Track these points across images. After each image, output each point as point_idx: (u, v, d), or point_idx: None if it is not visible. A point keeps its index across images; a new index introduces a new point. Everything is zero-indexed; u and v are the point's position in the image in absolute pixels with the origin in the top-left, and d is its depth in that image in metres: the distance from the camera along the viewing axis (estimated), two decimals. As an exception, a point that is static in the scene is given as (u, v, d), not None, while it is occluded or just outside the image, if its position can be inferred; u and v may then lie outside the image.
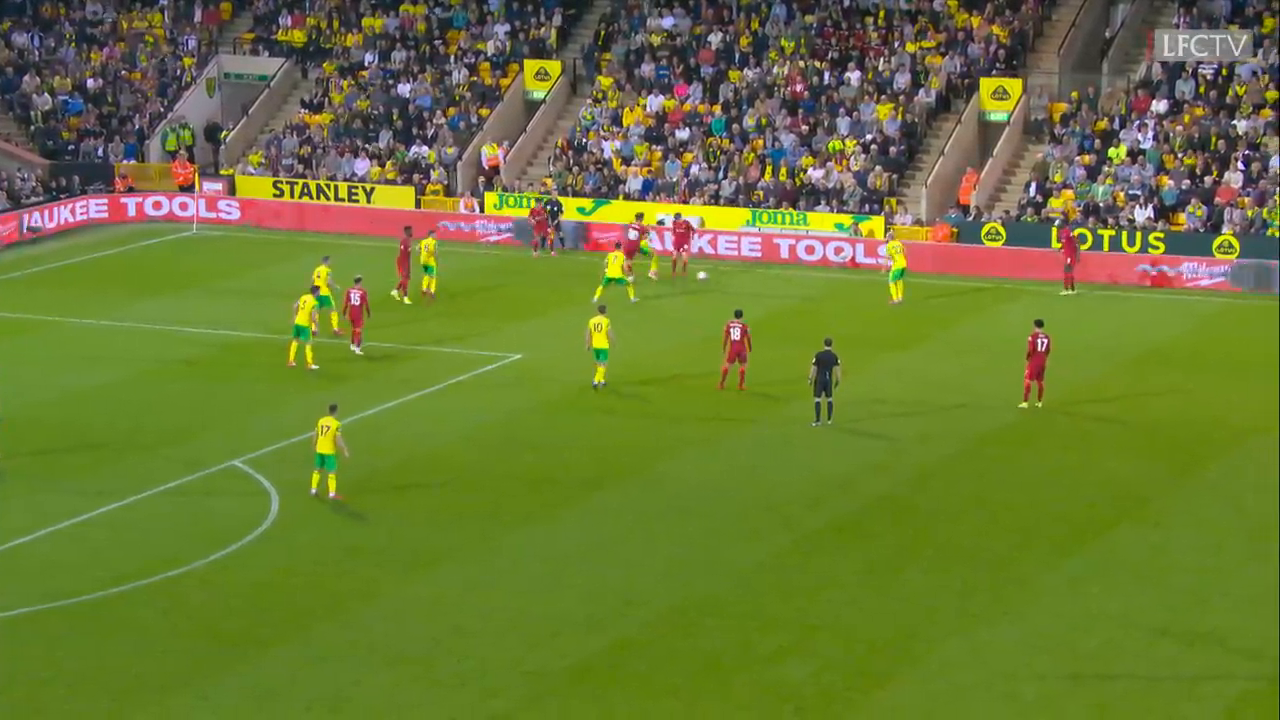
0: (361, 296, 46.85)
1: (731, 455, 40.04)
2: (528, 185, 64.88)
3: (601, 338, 43.73)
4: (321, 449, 36.34)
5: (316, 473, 36.55)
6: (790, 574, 33.38)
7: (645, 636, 30.73)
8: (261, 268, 58.81)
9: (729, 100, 65.40)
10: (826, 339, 42.04)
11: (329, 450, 36.29)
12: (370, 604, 32.09)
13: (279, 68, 70.78)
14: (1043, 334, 42.44)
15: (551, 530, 35.59)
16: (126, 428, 41.87)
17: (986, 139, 63.33)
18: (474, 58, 69.34)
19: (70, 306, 53.27)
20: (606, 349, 43.78)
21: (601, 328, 43.74)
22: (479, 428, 42.00)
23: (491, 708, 28.13)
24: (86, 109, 69.92)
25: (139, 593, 32.54)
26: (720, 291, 54.47)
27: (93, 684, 28.96)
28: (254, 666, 29.53)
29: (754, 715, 27.81)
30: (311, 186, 65.46)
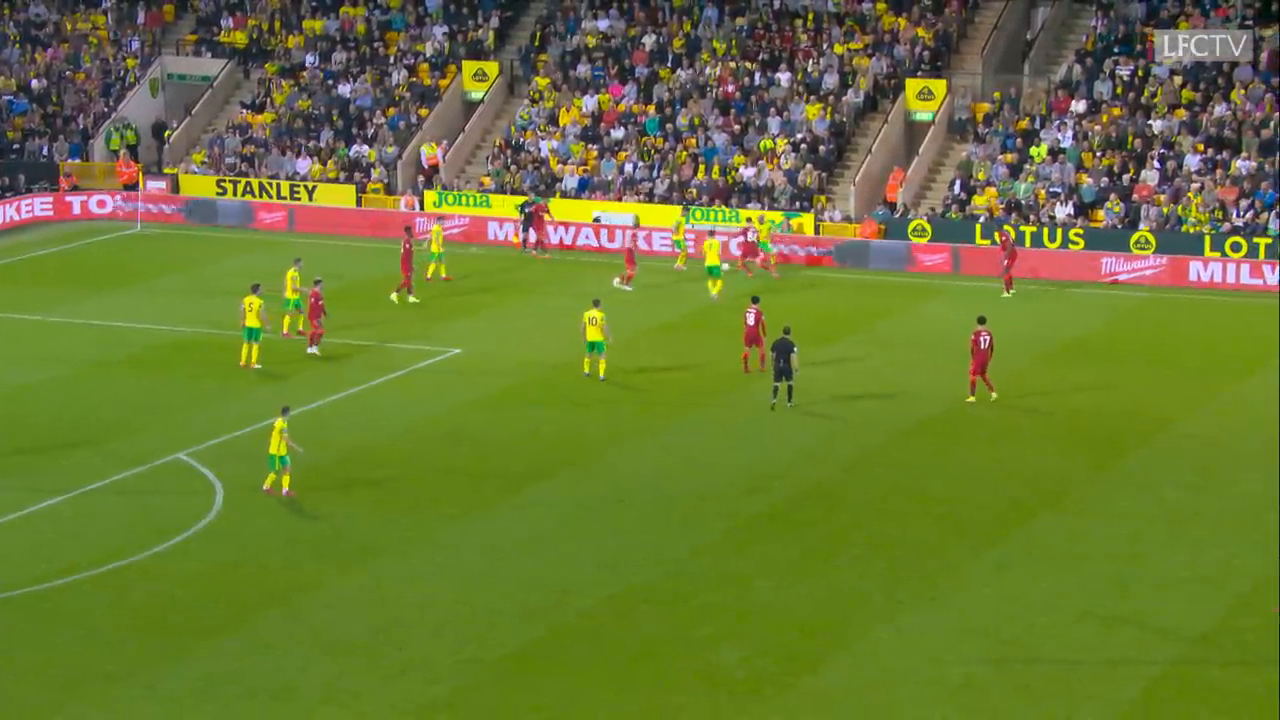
0: (316, 296, 46.37)
1: (668, 445, 40.05)
2: (465, 184, 64.72)
3: (596, 331, 43.34)
4: (274, 450, 36.00)
5: (271, 475, 36.30)
6: (724, 562, 33.43)
7: (582, 625, 30.72)
8: (204, 265, 58.44)
9: (662, 100, 65.42)
10: (785, 327, 42.64)
11: (281, 451, 35.94)
12: (313, 595, 31.95)
13: (221, 68, 70.34)
14: (985, 331, 42.46)
15: (490, 522, 35.52)
16: (70, 423, 41.53)
17: (912, 138, 63.59)
18: (413, 59, 69.11)
19: (14, 303, 52.78)
20: (602, 342, 43.48)
21: (596, 321, 43.39)
22: (418, 422, 41.86)
23: (432, 695, 28.06)
24: (31, 109, 69.29)
25: (84, 585, 32.30)
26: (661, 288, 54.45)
27: (39, 675, 28.72)
28: (199, 657, 29.34)
29: (689, 700, 27.85)
30: (254, 185, 65.08)
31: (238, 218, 63.90)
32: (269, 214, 63.69)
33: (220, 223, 63.87)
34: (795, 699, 27.96)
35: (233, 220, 63.82)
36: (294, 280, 47.87)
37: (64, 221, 64.15)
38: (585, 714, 27.40)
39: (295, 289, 47.70)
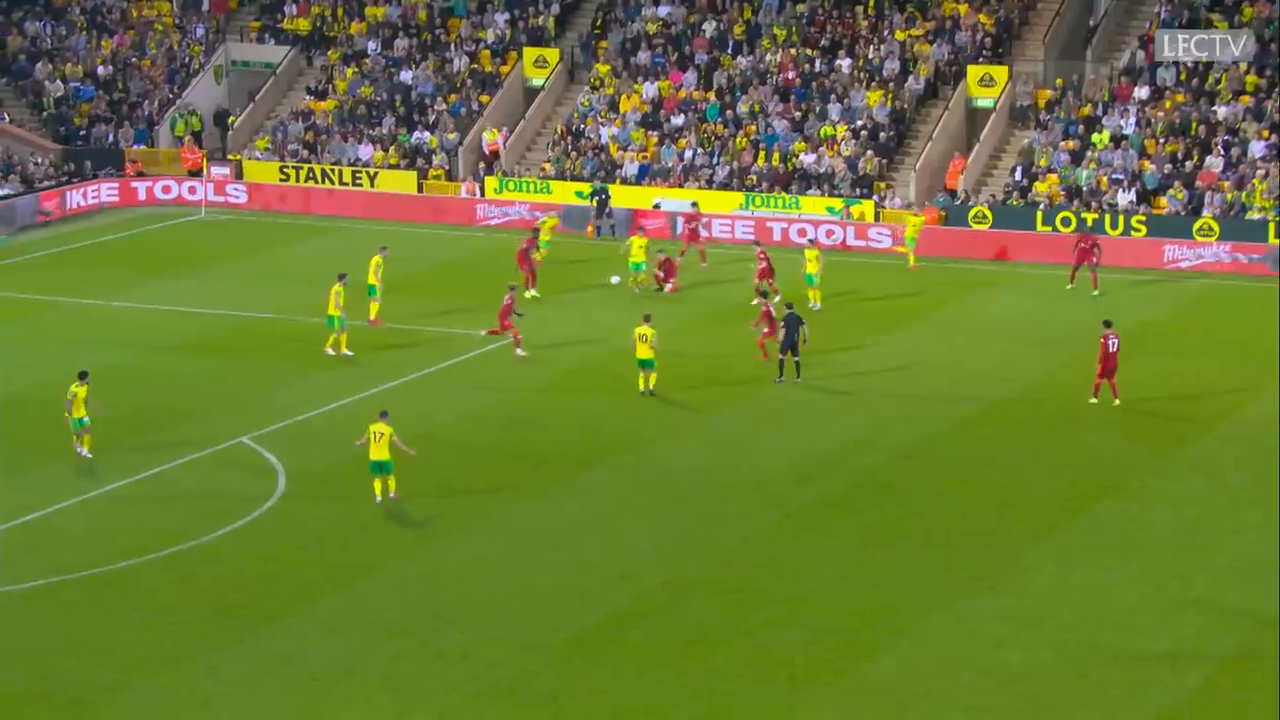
0: (510, 300, 45.02)
1: (722, 434, 40.03)
2: (526, 170, 64.82)
3: (646, 348, 41.55)
4: (376, 456, 34.89)
5: (377, 481, 35.18)
6: (779, 549, 33.41)
7: (639, 610, 30.78)
8: (268, 250, 58.75)
9: (723, 87, 65.32)
10: (788, 303, 43.76)
11: (385, 457, 34.89)
12: (374, 578, 32.12)
13: (285, 55, 70.66)
14: (1113, 334, 41.19)
15: (548, 507, 35.61)
16: (136, 407, 41.83)
17: (973, 125, 63.26)
18: (474, 45, 69.24)
19: (82, 288, 53.21)
20: (653, 359, 41.69)
21: (647, 338, 41.54)
22: (479, 407, 41.98)
23: (490, 678, 28.17)
24: (97, 95, 69.80)
25: (149, 566, 32.58)
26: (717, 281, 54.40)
27: (105, 655, 29.00)
28: (261, 638, 29.56)
29: (746, 686, 27.86)
30: (316, 171, 65.37)
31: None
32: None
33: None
34: (852, 685, 27.93)
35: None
36: (378, 267, 47.62)
37: (130, 207, 64.61)
38: (642, 699, 27.45)
39: (378, 275, 47.42)
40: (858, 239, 58.44)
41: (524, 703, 27.40)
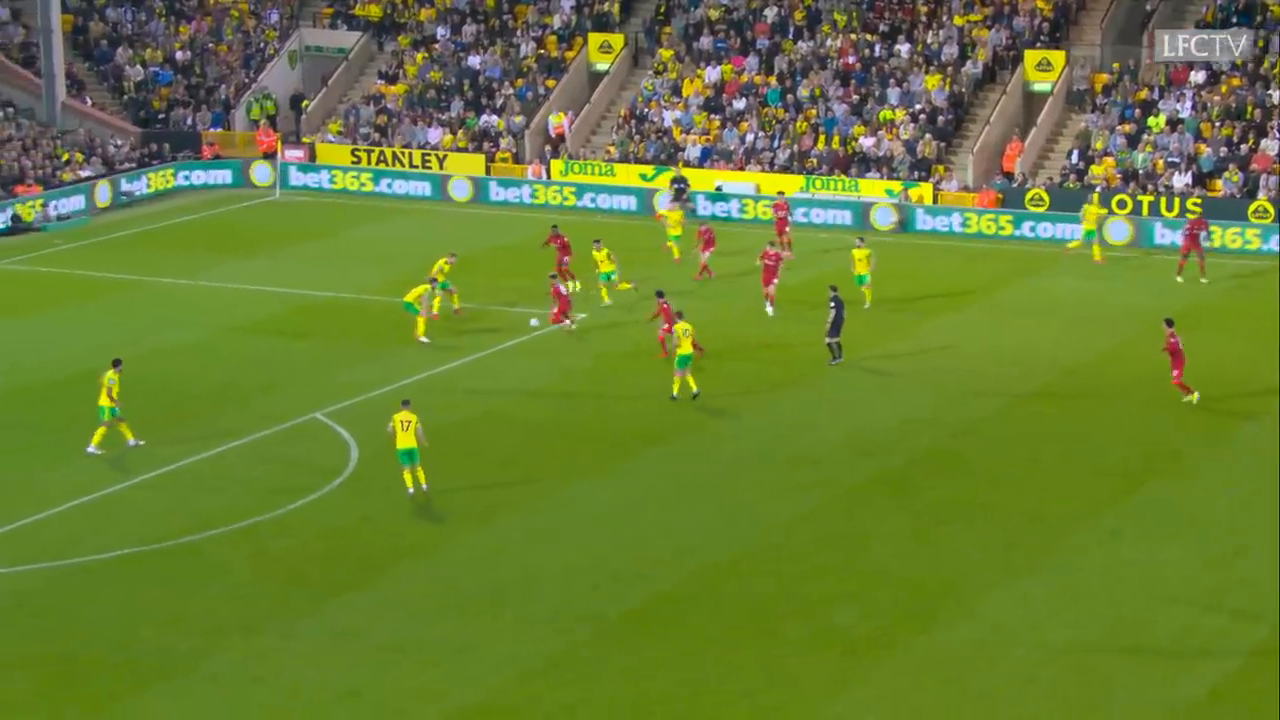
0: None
1: (781, 412, 40.02)
2: (591, 153, 64.90)
3: (688, 344, 40.16)
4: (404, 444, 34.18)
5: (406, 472, 34.40)
6: (838, 525, 33.40)
7: (698, 583, 30.84)
8: (340, 231, 59.05)
9: (784, 71, 65.18)
10: (832, 286, 43.34)
11: (412, 444, 34.18)
12: (441, 552, 32.32)
13: (357, 41, 70.94)
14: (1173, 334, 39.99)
15: (609, 484, 35.70)
16: (213, 383, 42.19)
17: (1031, 108, 62.90)
18: (541, 31, 69.33)
19: (161, 267, 53.64)
20: (690, 354, 40.32)
21: (690, 333, 40.37)
22: (544, 385, 42.10)
23: (554, 650, 28.30)
24: (176, 80, 70.30)
25: (225, 538, 32.88)
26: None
27: (181, 624, 29.29)
28: (333, 609, 29.79)
29: (805, 658, 27.89)
30: (387, 154, 65.64)
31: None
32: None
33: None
34: (909, 658, 27.92)
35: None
36: (444, 267, 47.16)
37: (206, 188, 65.06)
38: (703, 671, 27.52)
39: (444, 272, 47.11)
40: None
41: (585, 675, 27.51)
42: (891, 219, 58.09)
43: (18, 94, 66.68)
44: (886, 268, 49.85)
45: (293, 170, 64.92)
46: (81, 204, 61.17)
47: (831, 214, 58.94)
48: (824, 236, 56.80)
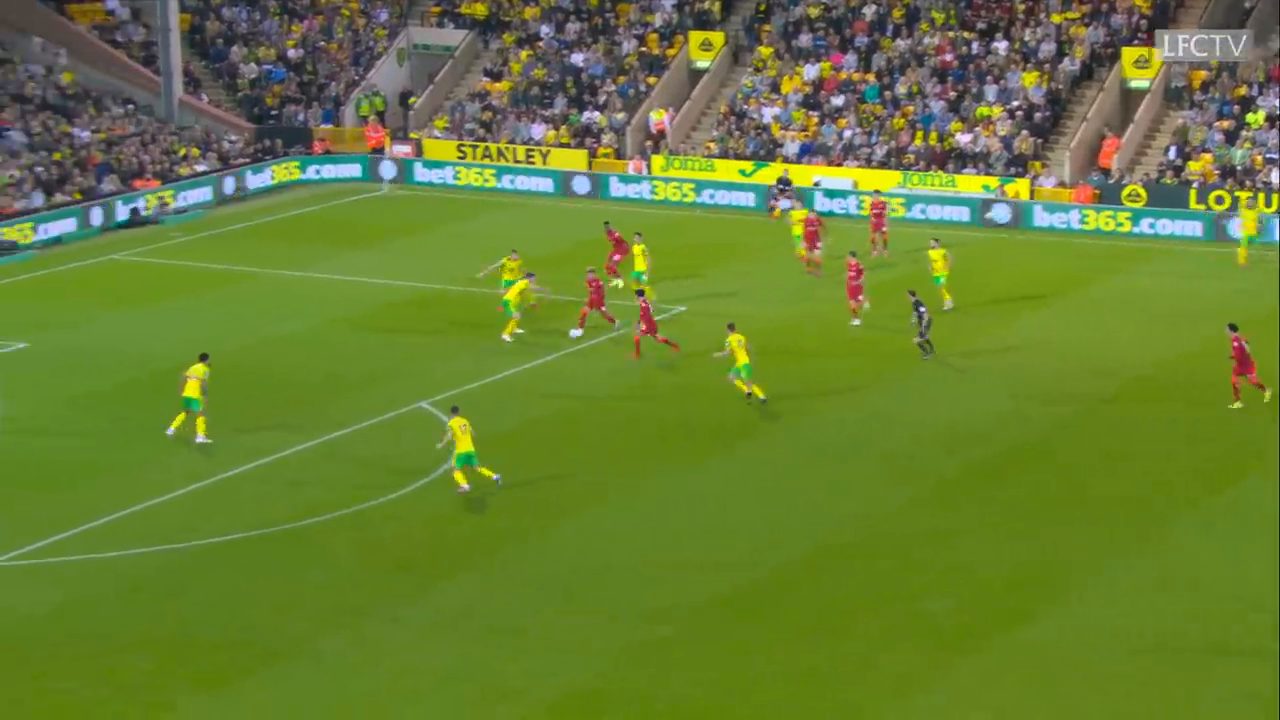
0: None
1: (873, 406, 39.88)
2: (691, 149, 64.94)
3: (744, 354, 39.20)
4: (464, 448, 34.00)
5: (458, 473, 34.13)
6: (930, 518, 33.27)
7: (791, 574, 30.85)
8: (447, 225, 59.43)
9: (882, 69, 64.90)
10: (911, 290, 43.03)
11: (471, 448, 34.03)
12: (540, 539, 32.51)
13: (463, 39, 71.34)
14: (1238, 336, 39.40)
15: (703, 474, 35.77)
16: (321, 372, 42.62)
17: (1128, 105, 62.21)
18: (643, 29, 69.42)
19: (272, 259, 54.23)
20: (749, 364, 39.26)
21: (744, 344, 39.38)
22: (639, 376, 42.19)
23: (649, 637, 28.41)
24: (288, 77, 71.01)
25: (333, 524, 33.24)
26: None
27: (292, 607, 29.67)
28: (438, 594, 30.07)
29: (898, 649, 27.84)
30: (492, 149, 66.00)
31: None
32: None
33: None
34: (1003, 650, 27.79)
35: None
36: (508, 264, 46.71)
37: (317, 183, 65.68)
38: (794, 660, 27.55)
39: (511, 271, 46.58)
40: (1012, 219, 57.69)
41: (682, 663, 27.60)
42: (1006, 216, 57.62)
43: (137, 91, 67.65)
44: (989, 264, 49.56)
45: (417, 166, 65.27)
46: (209, 195, 61.97)
47: (948, 210, 58.56)
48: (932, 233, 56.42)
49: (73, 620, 29.09)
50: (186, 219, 60.28)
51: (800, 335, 45.10)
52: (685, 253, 54.35)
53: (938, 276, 46.94)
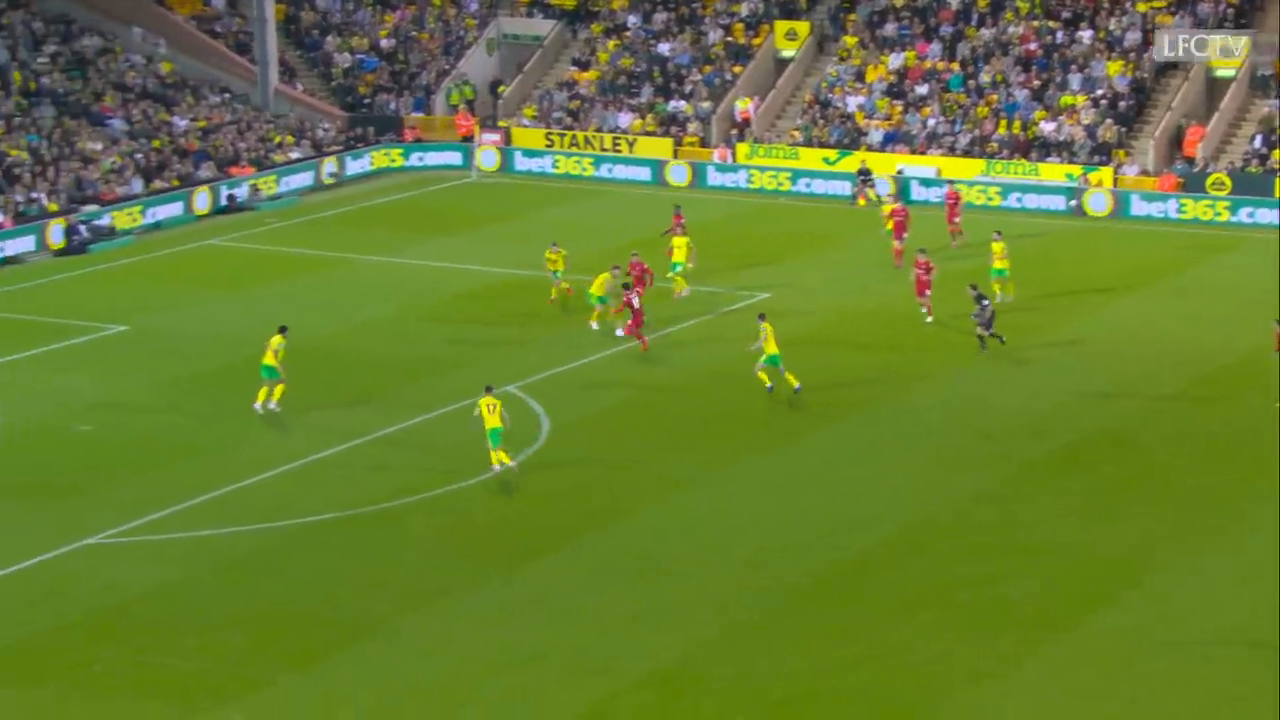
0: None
1: (954, 389, 39.63)
2: (776, 137, 64.72)
3: (773, 344, 38.71)
4: (492, 425, 34.02)
5: (493, 453, 34.15)
6: (1012, 501, 33.04)
7: (878, 556, 30.72)
8: (533, 212, 59.54)
9: (966, 57, 64.39)
10: (972, 284, 42.13)
11: (499, 425, 34.03)
12: (628, 520, 32.53)
13: (552, 29, 71.42)
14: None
15: (791, 458, 35.68)
16: (412, 356, 42.81)
17: (1213, 94, 61.40)
18: (729, 19, 69.23)
19: (362, 245, 54.53)
20: (778, 355, 38.81)
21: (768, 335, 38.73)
22: (727, 361, 42.09)
23: (738, 618, 28.38)
24: (380, 67, 71.36)
25: (421, 505, 33.40)
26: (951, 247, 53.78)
27: (379, 586, 29.84)
28: (526, 575, 30.14)
29: (980, 631, 27.65)
30: (579, 138, 66.06)
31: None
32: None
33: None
34: (1085, 635, 27.55)
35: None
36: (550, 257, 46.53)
37: (408, 170, 65.99)
38: (878, 642, 27.43)
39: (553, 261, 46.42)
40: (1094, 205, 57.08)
41: (771, 642, 27.55)
42: (1105, 204, 56.99)
43: (234, 80, 68.23)
44: (1078, 252, 49.11)
45: (517, 155, 65.32)
46: (309, 181, 62.44)
47: (1045, 199, 57.98)
48: (1029, 222, 56.02)
49: (171, 597, 29.41)
50: (281, 205, 60.74)
51: (880, 324, 44.84)
52: (771, 241, 54.22)
53: (998, 269, 46.04)
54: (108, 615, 28.65)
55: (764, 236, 53.92)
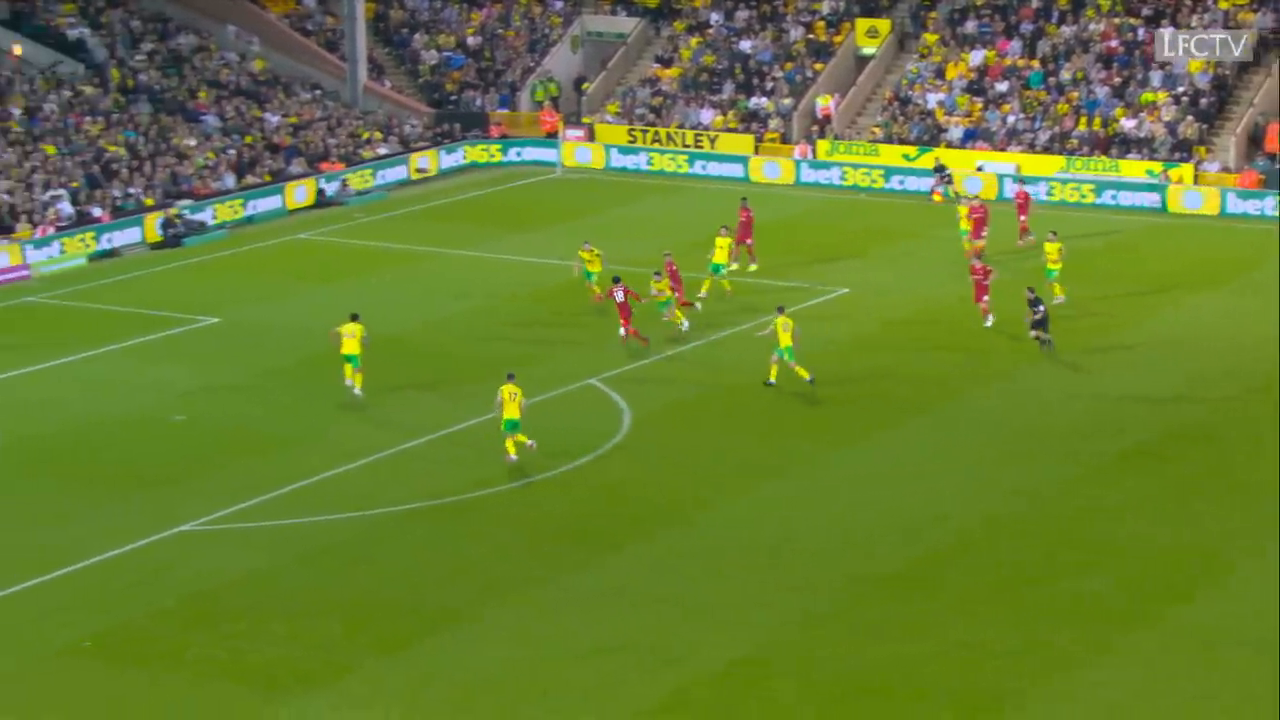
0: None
1: (1034, 385, 39.33)
2: (856, 134, 64.45)
3: (788, 337, 38.51)
4: (510, 415, 34.06)
5: (509, 440, 34.38)
6: (1092, 496, 32.75)
7: (956, 549, 30.55)
8: (617, 208, 59.60)
9: (1046, 55, 63.85)
10: (1029, 287, 41.24)
11: (516, 415, 34.12)
12: (707, 512, 32.51)
13: (635, 26, 71.45)
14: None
15: (869, 451, 35.54)
16: (495, 349, 42.91)
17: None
18: (810, 16, 69.00)
19: (448, 239, 54.77)
20: (791, 347, 38.54)
21: (789, 327, 38.61)
22: (808, 356, 41.94)
23: (817, 609, 28.30)
24: (467, 63, 71.65)
25: (506, 495, 33.53)
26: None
27: (464, 574, 29.99)
28: (607, 565, 30.19)
29: (1059, 624, 27.44)
30: (661, 134, 66.06)
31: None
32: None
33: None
34: (1167, 629, 27.29)
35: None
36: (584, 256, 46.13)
37: (493, 166, 66.22)
38: (959, 634, 27.26)
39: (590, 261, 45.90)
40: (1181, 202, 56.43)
41: (847, 634, 27.47)
42: (1201, 202, 56.40)
43: (324, 77, 68.73)
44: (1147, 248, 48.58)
45: (613, 152, 65.26)
46: (404, 175, 62.81)
47: (1138, 197, 57.41)
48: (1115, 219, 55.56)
49: (260, 584, 29.68)
50: (370, 200, 61.13)
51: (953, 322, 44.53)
52: (851, 237, 54.05)
53: (1050, 269, 45.21)
54: (199, 601, 28.97)
55: (846, 231, 53.81)
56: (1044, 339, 40.99)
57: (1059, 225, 50.97)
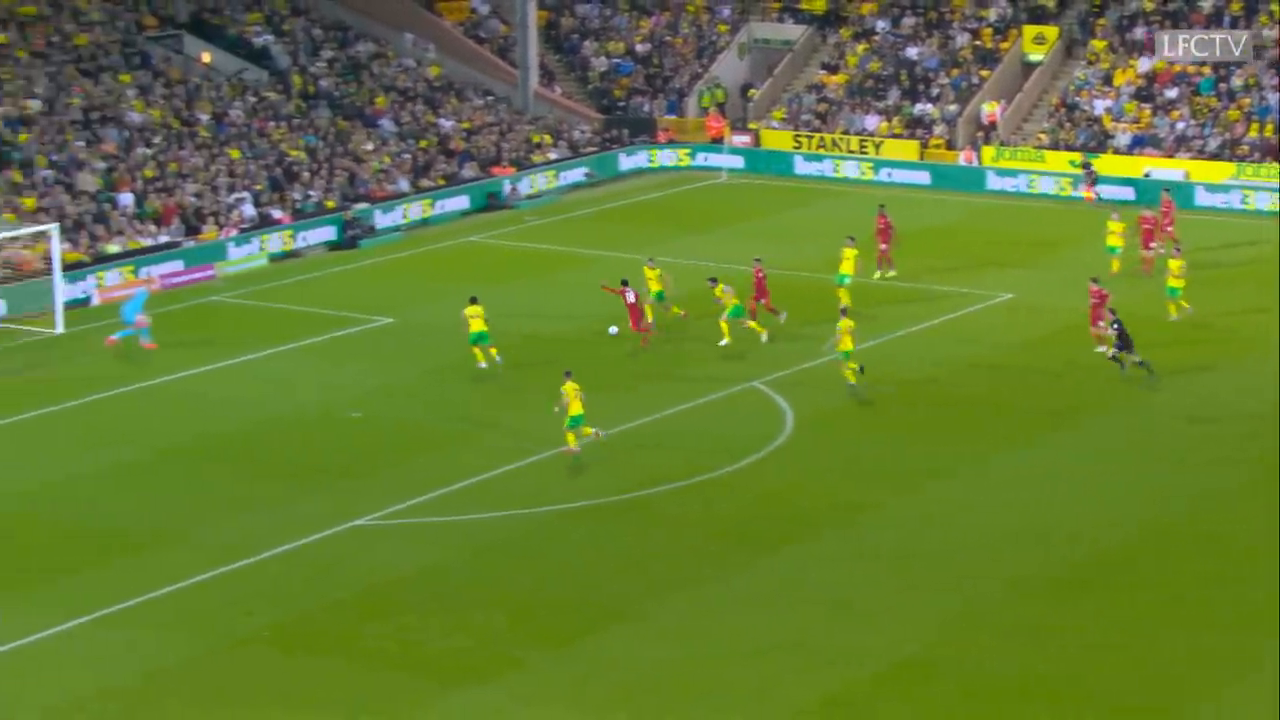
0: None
1: (1201, 392, 38.50)
2: (1022, 140, 63.58)
3: (848, 340, 38.50)
4: (575, 411, 34.62)
5: (570, 434, 34.82)
6: (1261, 504, 31.92)
7: (1122, 554, 30.04)
8: (782, 213, 59.40)
9: (1218, 61, 62.44)
10: (1111, 309, 39.79)
11: (581, 411, 34.66)
12: (871, 514, 32.30)
13: (801, 33, 71.18)
14: None
15: (1035, 454, 35.08)
16: (660, 351, 42.94)
17: None
18: (977, 24, 68.20)
19: (615, 241, 54.92)
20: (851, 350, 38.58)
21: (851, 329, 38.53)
22: (970, 360, 41.54)
23: (980, 611, 27.98)
24: (635, 70, 71.91)
25: (673, 494, 33.58)
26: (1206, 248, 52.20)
27: (632, 571, 30.09)
28: (770, 565, 30.11)
29: (1227, 632, 26.85)
30: (827, 140, 65.73)
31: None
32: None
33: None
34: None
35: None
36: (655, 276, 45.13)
37: (661, 171, 66.34)
38: (1125, 636, 26.83)
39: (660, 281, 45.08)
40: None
41: (1010, 634, 27.13)
42: None
43: (496, 83, 69.42)
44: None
45: (798, 159, 64.97)
46: (580, 178, 63.21)
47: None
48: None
49: (432, 578, 30.04)
50: (540, 203, 61.59)
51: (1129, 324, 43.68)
52: (1017, 243, 53.42)
53: (1173, 287, 43.76)
54: (374, 594, 29.39)
55: (1012, 239, 53.18)
56: (1127, 360, 38.78)
57: (1232, 233, 49.95)
